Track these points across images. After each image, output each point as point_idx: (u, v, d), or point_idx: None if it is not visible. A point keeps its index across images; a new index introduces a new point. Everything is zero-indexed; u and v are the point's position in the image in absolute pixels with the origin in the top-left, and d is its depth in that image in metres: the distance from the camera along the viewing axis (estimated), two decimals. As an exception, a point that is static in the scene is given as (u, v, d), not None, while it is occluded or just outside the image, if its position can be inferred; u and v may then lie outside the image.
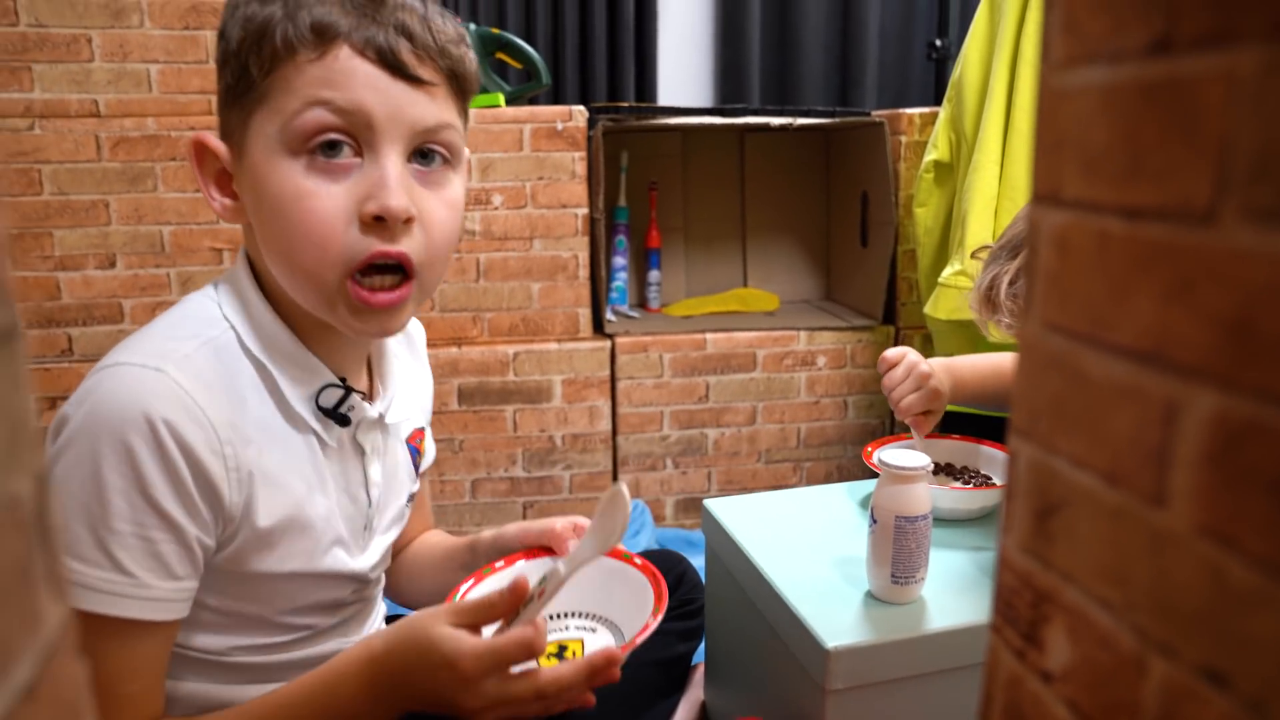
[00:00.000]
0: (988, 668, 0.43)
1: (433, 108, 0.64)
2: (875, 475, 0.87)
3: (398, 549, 0.91)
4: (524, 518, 1.73)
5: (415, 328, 0.87)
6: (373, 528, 0.76)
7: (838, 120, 1.81)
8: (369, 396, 0.75)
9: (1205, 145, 0.29)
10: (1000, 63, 1.43)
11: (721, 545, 0.95)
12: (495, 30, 1.68)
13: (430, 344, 1.64)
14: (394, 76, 0.62)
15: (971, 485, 0.99)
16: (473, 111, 1.58)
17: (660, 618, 0.68)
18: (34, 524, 0.31)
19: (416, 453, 0.82)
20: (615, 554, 0.78)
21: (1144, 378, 0.32)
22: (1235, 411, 0.28)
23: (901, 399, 0.98)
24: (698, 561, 1.12)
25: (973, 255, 1.10)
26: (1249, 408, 0.28)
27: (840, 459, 1.83)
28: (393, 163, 0.63)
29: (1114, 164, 0.33)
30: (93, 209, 1.52)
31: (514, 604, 0.63)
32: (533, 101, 1.80)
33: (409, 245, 0.64)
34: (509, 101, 1.69)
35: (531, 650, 0.60)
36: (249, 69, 0.61)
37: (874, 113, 1.83)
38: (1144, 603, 0.33)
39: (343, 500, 0.73)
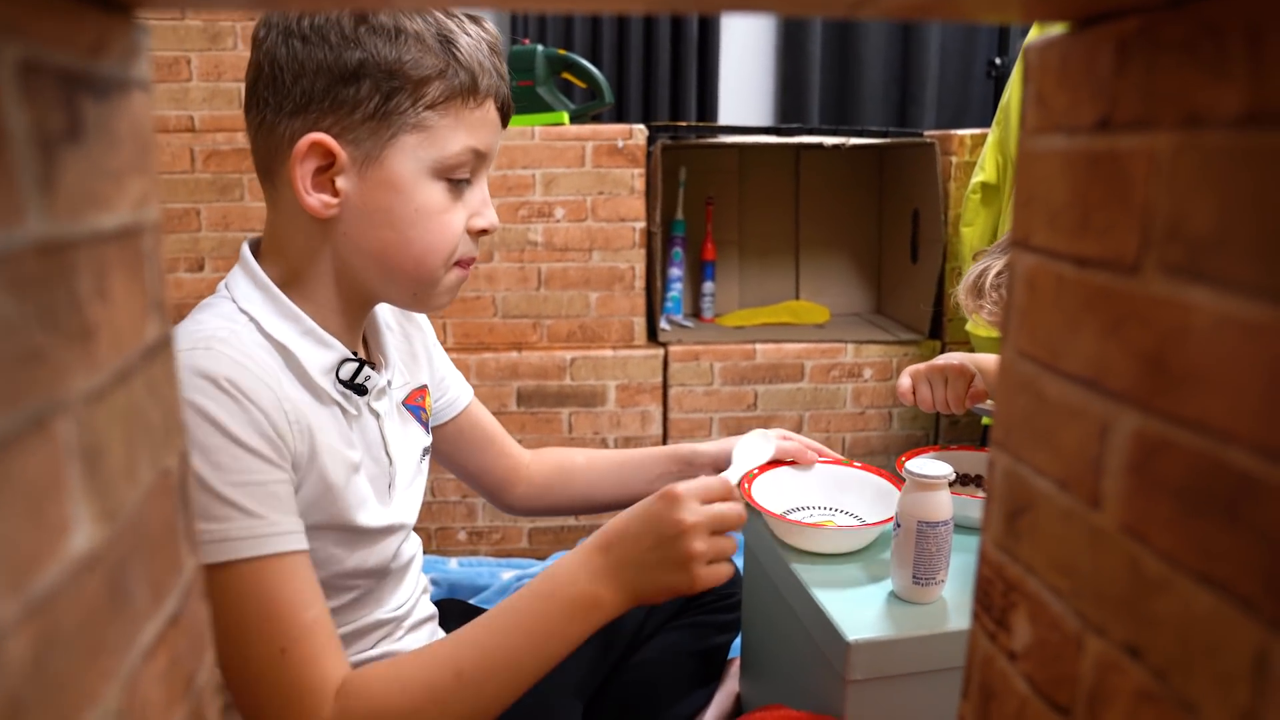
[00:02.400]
0: (968, 650, 0.49)
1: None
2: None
3: (508, 476, 1.06)
4: (576, 516, 1.80)
5: None
6: (395, 484, 0.84)
7: (890, 140, 1.86)
8: (375, 367, 0.83)
9: (1133, 209, 0.35)
10: (1049, 88, 1.47)
11: (758, 544, 1.01)
12: (562, 51, 1.76)
13: (491, 348, 1.74)
14: (503, 123, 0.80)
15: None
16: (538, 129, 1.68)
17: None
18: (178, 491, 0.39)
19: (420, 410, 0.91)
20: (836, 462, 1.08)
21: (1086, 400, 0.38)
22: (1150, 431, 0.34)
23: (938, 399, 1.07)
24: (737, 560, 1.18)
25: (974, 257, 1.16)
26: (1160, 428, 0.34)
27: (885, 469, 1.87)
28: (486, 186, 0.80)
29: (1069, 219, 0.39)
30: (185, 216, 1.64)
31: (725, 495, 0.78)
32: (596, 119, 1.88)
33: None
34: (573, 119, 1.77)
35: (727, 488, 0.78)
36: (398, 96, 0.72)
37: (926, 133, 1.88)
38: (1084, 590, 0.39)
39: (367, 462, 0.80)
